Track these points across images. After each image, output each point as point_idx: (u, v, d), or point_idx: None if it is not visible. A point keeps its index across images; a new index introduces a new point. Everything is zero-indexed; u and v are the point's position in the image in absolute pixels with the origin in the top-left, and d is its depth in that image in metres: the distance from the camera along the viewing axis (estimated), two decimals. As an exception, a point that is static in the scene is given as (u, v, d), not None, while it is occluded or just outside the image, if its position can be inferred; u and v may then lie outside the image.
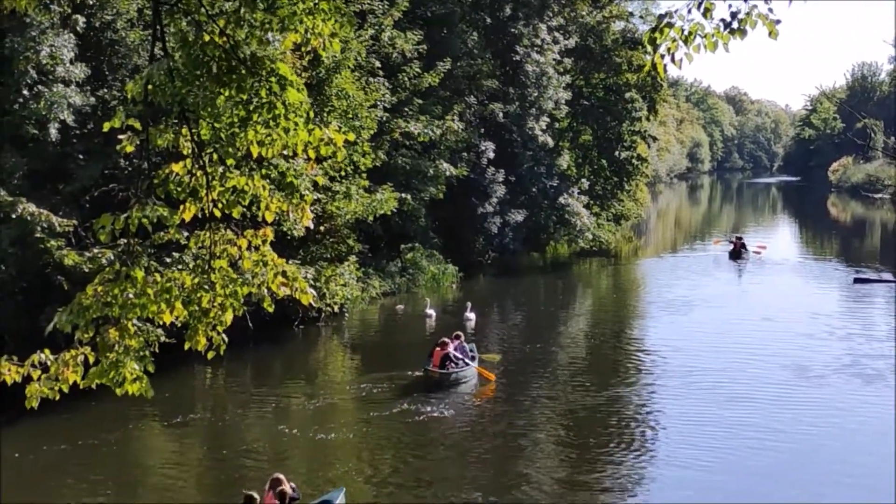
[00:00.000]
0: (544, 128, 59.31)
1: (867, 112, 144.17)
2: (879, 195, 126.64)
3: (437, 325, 38.89)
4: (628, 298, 52.18)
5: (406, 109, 45.55)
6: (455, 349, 30.72)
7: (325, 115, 35.58)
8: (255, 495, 17.71)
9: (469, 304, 40.47)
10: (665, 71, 8.86)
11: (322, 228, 37.52)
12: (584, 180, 67.70)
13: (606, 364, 34.06)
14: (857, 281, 52.42)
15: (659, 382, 30.90)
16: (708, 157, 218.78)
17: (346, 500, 19.83)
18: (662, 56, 8.56)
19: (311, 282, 32.39)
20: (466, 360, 30.65)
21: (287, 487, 18.69)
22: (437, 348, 30.49)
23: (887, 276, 53.37)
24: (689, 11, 8.51)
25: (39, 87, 28.72)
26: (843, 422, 26.53)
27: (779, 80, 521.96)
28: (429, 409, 27.09)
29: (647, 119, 74.92)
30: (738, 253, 63.93)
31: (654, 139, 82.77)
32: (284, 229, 31.71)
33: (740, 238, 66.38)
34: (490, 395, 29.54)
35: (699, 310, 44.49)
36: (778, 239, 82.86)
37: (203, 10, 9.31)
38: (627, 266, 65.15)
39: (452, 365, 30.06)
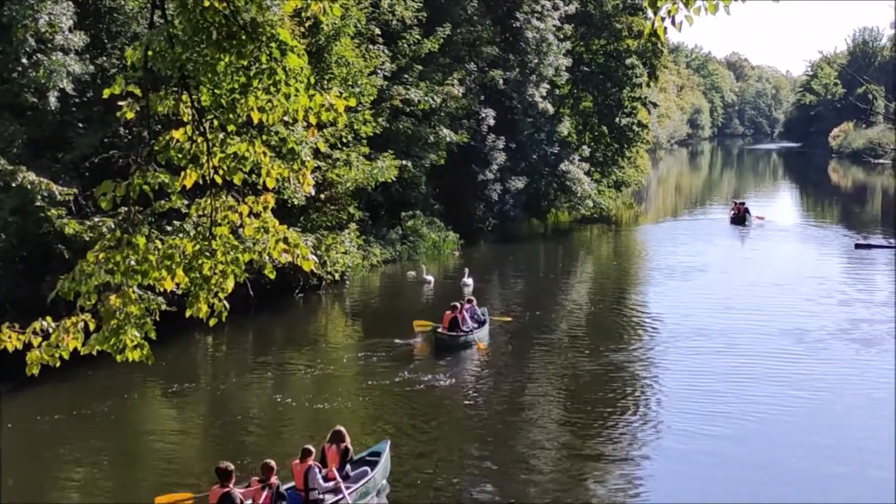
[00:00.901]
0: (544, 94, 59.10)
1: (868, 77, 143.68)
2: (880, 160, 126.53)
3: (436, 292, 38.96)
4: (629, 265, 52.21)
5: (406, 76, 45.43)
6: (465, 312, 31.09)
7: (325, 82, 35.47)
8: (311, 448, 17.85)
9: (467, 271, 40.52)
10: (665, 34, 8.81)
11: (323, 196, 37.51)
12: (584, 147, 67.53)
13: (608, 329, 34.09)
14: (858, 246, 52.44)
15: (660, 347, 30.96)
16: (708, 123, 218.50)
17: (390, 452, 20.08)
18: (663, 19, 8.49)
19: (312, 249, 32.37)
20: (472, 325, 31.07)
21: (349, 443, 18.75)
22: (448, 312, 30.84)
23: (889, 241, 53.34)
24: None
25: (38, 55, 28.59)
26: (845, 385, 26.61)
27: (780, 45, 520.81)
28: (430, 375, 27.10)
29: (648, 85, 74.76)
30: (741, 218, 63.61)
31: (655, 105, 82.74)
32: (285, 197, 31.69)
33: (743, 203, 65.97)
34: (491, 360, 29.60)
35: (701, 275, 44.54)
36: (779, 205, 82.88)
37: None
38: (628, 232, 65.16)
39: (460, 329, 30.47)
